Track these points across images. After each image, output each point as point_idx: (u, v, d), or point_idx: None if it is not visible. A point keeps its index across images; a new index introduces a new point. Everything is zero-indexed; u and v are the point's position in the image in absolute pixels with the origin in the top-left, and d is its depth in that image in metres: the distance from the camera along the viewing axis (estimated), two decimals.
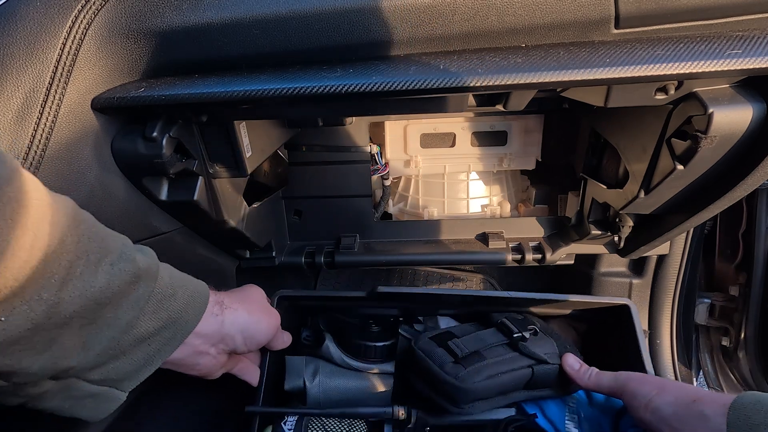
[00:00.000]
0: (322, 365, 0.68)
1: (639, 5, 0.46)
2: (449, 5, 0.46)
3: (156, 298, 0.41)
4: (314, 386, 0.66)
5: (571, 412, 0.63)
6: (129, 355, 0.41)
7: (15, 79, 0.42)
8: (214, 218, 0.62)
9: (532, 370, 0.59)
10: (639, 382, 0.54)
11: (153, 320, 0.41)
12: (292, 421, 0.63)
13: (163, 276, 0.43)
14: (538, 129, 0.86)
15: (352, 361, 0.67)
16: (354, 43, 0.48)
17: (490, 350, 0.60)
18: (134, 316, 0.40)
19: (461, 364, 0.58)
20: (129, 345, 0.40)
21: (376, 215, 0.91)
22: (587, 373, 0.59)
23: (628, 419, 0.58)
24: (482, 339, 0.62)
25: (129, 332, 0.40)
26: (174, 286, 0.44)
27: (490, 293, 0.68)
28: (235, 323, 0.52)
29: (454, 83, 0.45)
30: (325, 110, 0.62)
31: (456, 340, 0.61)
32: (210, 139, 0.58)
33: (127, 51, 0.48)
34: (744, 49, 0.45)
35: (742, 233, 0.88)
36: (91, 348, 0.38)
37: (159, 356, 0.44)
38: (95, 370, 0.40)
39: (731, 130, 0.50)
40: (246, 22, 0.47)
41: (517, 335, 0.60)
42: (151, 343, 0.42)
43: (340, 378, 0.67)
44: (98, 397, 0.42)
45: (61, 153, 0.45)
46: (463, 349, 0.59)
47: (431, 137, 0.86)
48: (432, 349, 0.61)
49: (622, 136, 0.66)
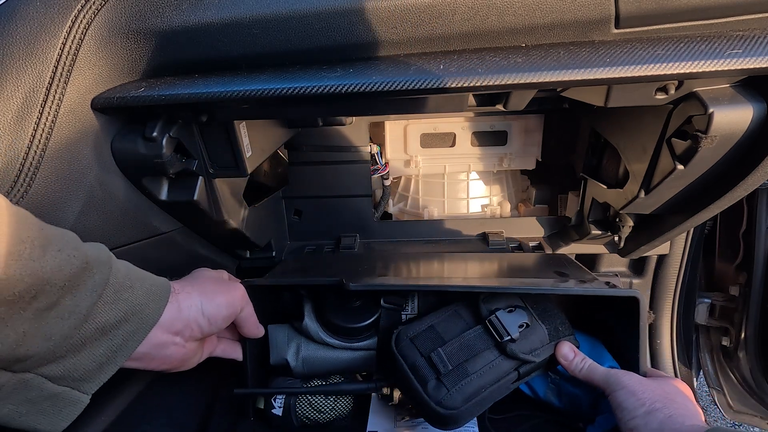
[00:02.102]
0: (304, 342, 0.67)
1: (639, 5, 0.46)
2: (449, 5, 0.46)
3: (113, 287, 0.41)
4: (298, 364, 0.66)
5: (553, 383, 0.64)
6: (90, 348, 0.40)
7: (15, 79, 0.42)
8: (214, 218, 0.62)
9: (518, 372, 0.58)
10: (629, 392, 0.53)
11: (112, 311, 0.41)
12: (281, 399, 0.66)
13: (119, 268, 0.43)
14: (538, 129, 0.86)
15: (332, 339, 0.66)
16: (354, 43, 0.48)
17: (476, 359, 0.57)
18: (92, 303, 0.39)
19: (443, 384, 0.56)
20: (89, 336, 0.40)
21: (376, 215, 0.91)
22: (580, 364, 0.58)
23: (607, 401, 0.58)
24: (468, 345, 0.58)
25: (88, 322, 0.39)
26: (132, 279, 0.44)
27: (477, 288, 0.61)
28: (192, 307, 0.50)
29: (454, 83, 0.45)
30: (325, 110, 0.62)
31: (439, 350, 0.58)
32: (210, 139, 0.58)
33: (127, 51, 0.48)
34: (744, 48, 0.45)
35: (743, 233, 0.88)
36: (50, 337, 0.37)
37: (122, 352, 0.43)
38: (55, 364, 0.39)
39: (731, 130, 0.50)
40: (246, 22, 0.47)
41: (506, 339, 0.57)
42: (113, 337, 0.42)
43: (322, 353, 0.66)
44: (58, 400, 0.40)
45: (61, 153, 0.45)
46: (446, 365, 0.57)
47: (431, 137, 0.86)
48: (415, 359, 0.58)
49: (622, 136, 0.66)
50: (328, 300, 0.67)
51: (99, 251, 0.42)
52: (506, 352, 0.58)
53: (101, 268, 0.41)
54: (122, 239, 0.54)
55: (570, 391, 0.63)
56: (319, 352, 0.66)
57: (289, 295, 0.69)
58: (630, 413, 0.51)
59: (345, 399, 0.67)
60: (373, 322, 0.66)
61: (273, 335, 0.67)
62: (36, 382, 0.38)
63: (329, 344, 0.66)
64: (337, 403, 0.67)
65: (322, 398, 0.66)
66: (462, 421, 0.57)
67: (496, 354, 0.58)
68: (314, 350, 0.66)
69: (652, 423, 0.49)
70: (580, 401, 0.62)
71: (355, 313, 0.66)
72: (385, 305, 0.67)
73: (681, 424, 0.48)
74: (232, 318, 0.56)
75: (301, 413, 0.66)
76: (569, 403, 0.64)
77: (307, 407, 0.66)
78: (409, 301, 0.68)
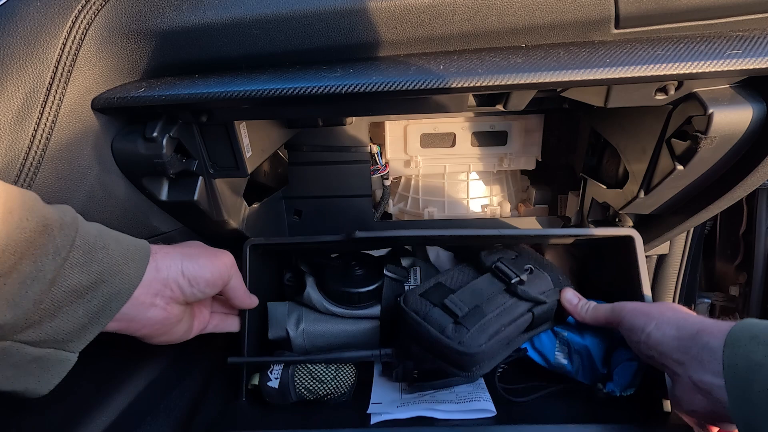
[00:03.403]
0: (305, 313, 0.65)
1: (639, 5, 0.46)
2: (449, 5, 0.46)
3: (81, 249, 0.40)
4: (298, 335, 0.64)
5: (561, 343, 0.62)
6: (66, 312, 0.39)
7: (15, 79, 0.42)
8: (214, 218, 0.62)
9: (532, 314, 0.58)
10: (635, 313, 0.52)
11: (83, 273, 0.40)
12: (279, 369, 0.61)
13: (88, 230, 0.41)
14: (538, 129, 0.86)
15: (335, 307, 0.64)
16: (354, 44, 0.48)
17: (489, 302, 0.57)
18: (57, 267, 0.38)
19: (463, 325, 0.54)
20: (62, 301, 0.39)
21: (377, 215, 0.91)
22: (585, 307, 0.58)
23: (621, 352, 0.58)
24: (479, 290, 0.58)
25: (57, 286, 0.38)
26: (105, 239, 0.42)
27: (483, 232, 0.63)
28: (171, 266, 0.48)
29: (454, 83, 0.45)
30: (325, 110, 0.62)
31: (452, 296, 0.57)
32: (210, 139, 0.58)
33: (127, 51, 0.48)
34: (744, 49, 0.45)
35: (743, 233, 0.88)
36: (18, 304, 0.36)
37: (104, 313, 0.42)
38: (31, 330, 0.38)
39: (731, 130, 0.50)
40: (246, 22, 0.47)
41: (515, 280, 0.58)
42: (91, 299, 0.40)
43: (324, 324, 0.65)
44: (43, 361, 0.40)
45: (61, 153, 0.45)
46: (462, 308, 0.56)
47: (431, 137, 0.86)
48: (427, 310, 0.57)
49: (622, 136, 0.67)
50: (331, 271, 0.66)
51: (63, 213, 0.40)
52: (518, 294, 0.57)
53: (65, 230, 0.39)
54: None
55: (579, 347, 0.61)
56: (321, 324, 0.64)
57: (291, 274, 0.69)
58: (643, 330, 0.49)
59: (347, 370, 0.63)
60: (376, 288, 0.65)
61: (272, 311, 0.65)
62: (14, 348, 0.38)
63: (332, 312, 0.64)
64: (339, 373, 0.62)
65: (322, 367, 0.62)
66: (488, 361, 0.56)
67: (508, 297, 0.58)
68: (316, 321, 0.64)
69: (666, 329, 0.47)
70: (591, 358, 0.60)
71: (358, 280, 0.65)
72: (388, 274, 0.65)
73: (700, 321, 0.46)
74: (217, 285, 0.54)
75: (300, 383, 0.61)
76: (581, 364, 0.61)
77: (307, 376, 0.61)
78: (411, 274, 0.67)
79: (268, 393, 0.61)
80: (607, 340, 0.60)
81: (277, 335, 0.65)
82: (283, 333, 0.64)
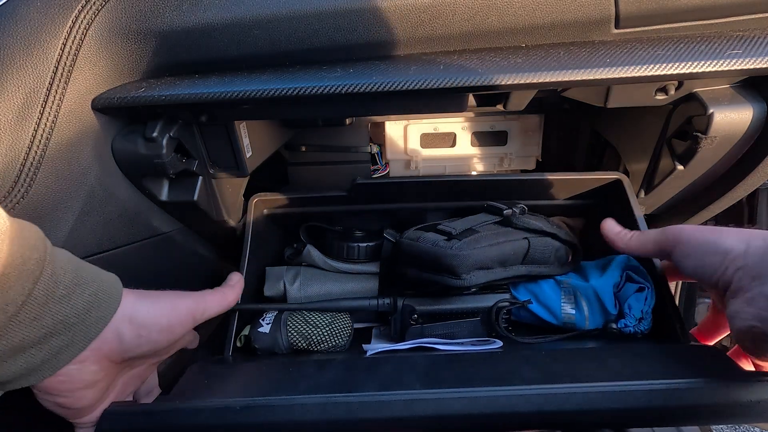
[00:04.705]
0: (304, 270, 0.65)
1: (639, 5, 0.46)
2: (449, 5, 0.46)
3: (37, 301, 0.35)
4: (294, 289, 0.63)
5: (566, 293, 0.59)
6: (7, 364, 0.35)
7: (15, 79, 0.42)
8: (214, 218, 0.62)
9: (528, 241, 0.57)
10: (699, 232, 0.44)
11: (33, 329, 0.35)
12: (271, 316, 0.58)
13: (53, 273, 0.36)
14: (538, 129, 0.86)
15: (334, 262, 0.64)
16: (354, 44, 0.48)
17: (482, 226, 0.57)
18: (2, 324, 0.33)
19: (456, 238, 0.55)
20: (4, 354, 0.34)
21: None
22: (628, 234, 0.53)
23: (629, 287, 0.55)
24: (473, 220, 0.59)
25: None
26: (69, 286, 0.37)
27: (483, 177, 0.66)
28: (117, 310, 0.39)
29: (454, 83, 0.45)
30: (325, 110, 0.62)
31: (446, 222, 0.59)
32: (210, 139, 0.58)
33: (127, 51, 0.48)
34: (744, 49, 0.45)
35: None
36: None
37: (42, 370, 0.36)
38: None
39: (731, 130, 0.50)
40: (246, 22, 0.47)
41: (507, 211, 0.58)
42: (35, 353, 0.35)
43: (321, 279, 0.65)
44: None
45: (61, 153, 0.45)
46: (455, 229, 0.56)
47: (431, 137, 0.86)
48: (421, 235, 0.57)
49: (622, 136, 0.67)
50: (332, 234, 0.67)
51: (24, 259, 0.34)
52: (512, 223, 0.58)
53: (22, 281, 0.34)
54: (122, 239, 0.54)
55: (586, 290, 0.57)
56: (319, 279, 0.64)
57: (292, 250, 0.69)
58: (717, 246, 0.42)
59: (343, 319, 0.60)
60: (376, 245, 0.66)
61: (270, 271, 0.65)
62: None
63: (330, 267, 0.64)
64: (335, 321, 0.58)
65: (318, 314, 0.59)
66: (483, 270, 0.54)
67: (501, 227, 0.58)
68: (313, 276, 0.64)
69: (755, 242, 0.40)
70: (600, 300, 0.56)
71: (358, 239, 0.67)
72: (388, 236, 0.66)
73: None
74: (176, 334, 0.43)
75: (293, 326, 0.57)
76: (590, 311, 0.57)
77: (300, 321, 0.58)
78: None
79: (258, 338, 0.56)
80: (611, 278, 0.57)
81: (274, 292, 0.63)
82: (281, 289, 0.63)
